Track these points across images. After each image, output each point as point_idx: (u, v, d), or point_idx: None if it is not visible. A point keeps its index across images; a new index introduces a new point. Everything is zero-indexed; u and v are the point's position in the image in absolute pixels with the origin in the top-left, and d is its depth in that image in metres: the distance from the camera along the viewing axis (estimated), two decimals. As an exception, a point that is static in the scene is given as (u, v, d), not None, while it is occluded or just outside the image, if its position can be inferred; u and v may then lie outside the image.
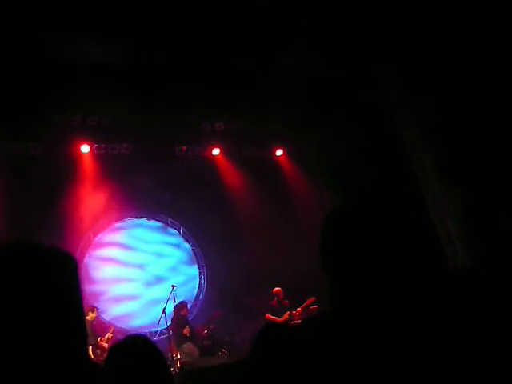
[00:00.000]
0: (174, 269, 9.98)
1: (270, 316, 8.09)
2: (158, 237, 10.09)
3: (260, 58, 7.42)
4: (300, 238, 8.93)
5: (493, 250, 6.21)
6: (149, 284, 9.51)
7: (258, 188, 9.54)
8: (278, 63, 7.51)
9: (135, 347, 2.23)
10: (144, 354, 2.20)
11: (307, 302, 8.02)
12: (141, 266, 9.61)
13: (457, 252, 7.03)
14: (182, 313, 8.29)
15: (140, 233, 9.91)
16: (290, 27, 6.72)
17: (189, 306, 9.65)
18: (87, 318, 7.54)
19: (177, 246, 10.26)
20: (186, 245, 10.30)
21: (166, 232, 10.21)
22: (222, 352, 8.10)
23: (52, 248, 1.15)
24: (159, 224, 10.14)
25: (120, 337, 8.17)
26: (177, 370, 6.87)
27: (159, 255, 9.94)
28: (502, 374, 0.99)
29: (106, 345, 7.24)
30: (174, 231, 10.24)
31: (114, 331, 7.75)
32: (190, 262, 10.26)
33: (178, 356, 7.49)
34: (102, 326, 8.16)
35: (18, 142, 8.05)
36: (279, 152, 10.28)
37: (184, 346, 7.76)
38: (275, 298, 8.28)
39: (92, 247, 9.23)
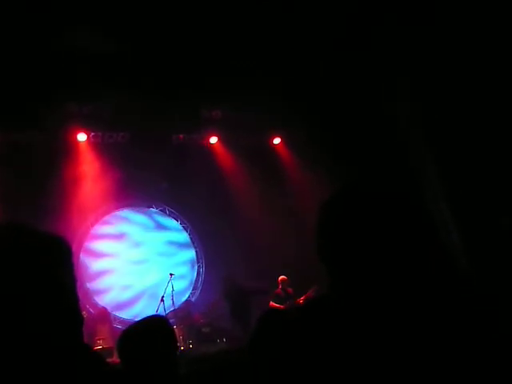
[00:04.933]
0: (174, 258, 10.00)
1: (274, 304, 8.16)
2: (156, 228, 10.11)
3: (257, 48, 7.36)
4: (299, 226, 8.94)
5: (491, 244, 6.26)
6: (148, 272, 9.52)
7: (256, 176, 9.52)
8: (274, 52, 7.46)
9: (147, 329, 2.24)
10: (154, 337, 2.21)
11: (310, 292, 8.05)
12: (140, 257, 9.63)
13: (454, 240, 7.05)
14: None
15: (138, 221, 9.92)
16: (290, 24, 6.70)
17: (187, 294, 9.71)
18: None
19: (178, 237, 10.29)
20: (185, 234, 10.31)
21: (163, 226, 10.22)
22: (220, 340, 8.14)
23: (46, 232, 1.14)
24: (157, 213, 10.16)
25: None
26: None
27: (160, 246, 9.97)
28: (490, 364, 1.00)
29: None
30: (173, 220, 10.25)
31: None
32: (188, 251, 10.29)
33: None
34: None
35: (15, 130, 8.01)
36: (277, 140, 10.26)
37: None
38: (280, 286, 8.34)
39: (90, 237, 9.23)
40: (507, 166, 6.09)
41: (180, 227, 10.30)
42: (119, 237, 9.58)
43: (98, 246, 9.30)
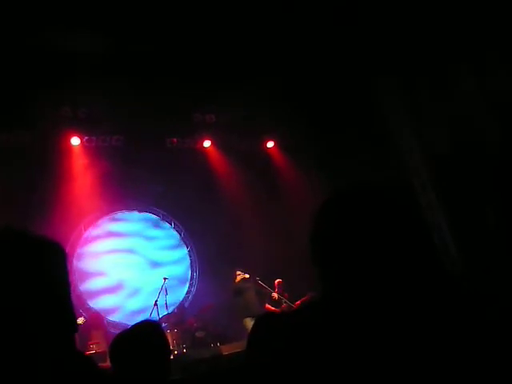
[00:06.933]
0: (166, 262, 9.95)
1: (270, 307, 8.17)
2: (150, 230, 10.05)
3: (252, 51, 7.38)
4: (292, 229, 8.95)
5: (479, 241, 6.31)
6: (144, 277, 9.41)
7: (250, 180, 9.52)
8: (269, 56, 7.48)
9: (139, 335, 2.24)
10: (146, 342, 2.20)
11: (305, 298, 8.05)
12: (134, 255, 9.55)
13: (446, 242, 7.09)
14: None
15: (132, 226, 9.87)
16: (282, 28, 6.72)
17: (181, 299, 9.67)
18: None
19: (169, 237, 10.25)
20: (176, 234, 10.25)
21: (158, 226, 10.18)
22: (214, 344, 8.11)
23: (41, 237, 1.14)
24: (152, 217, 10.11)
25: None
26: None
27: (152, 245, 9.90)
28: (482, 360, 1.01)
29: None
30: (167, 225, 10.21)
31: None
32: (181, 256, 10.25)
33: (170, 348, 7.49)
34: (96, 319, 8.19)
35: (7, 133, 7.94)
36: (270, 144, 10.27)
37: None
38: (276, 289, 8.36)
39: (83, 241, 9.17)
40: (500, 168, 6.12)
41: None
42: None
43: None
